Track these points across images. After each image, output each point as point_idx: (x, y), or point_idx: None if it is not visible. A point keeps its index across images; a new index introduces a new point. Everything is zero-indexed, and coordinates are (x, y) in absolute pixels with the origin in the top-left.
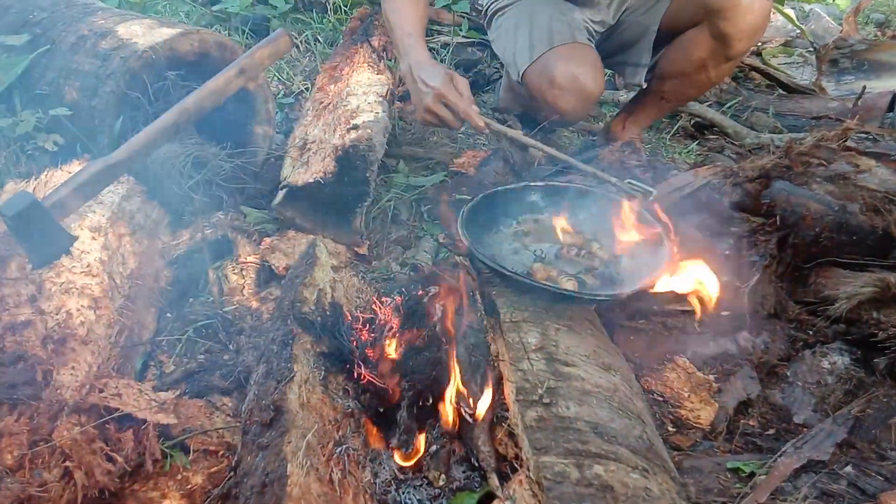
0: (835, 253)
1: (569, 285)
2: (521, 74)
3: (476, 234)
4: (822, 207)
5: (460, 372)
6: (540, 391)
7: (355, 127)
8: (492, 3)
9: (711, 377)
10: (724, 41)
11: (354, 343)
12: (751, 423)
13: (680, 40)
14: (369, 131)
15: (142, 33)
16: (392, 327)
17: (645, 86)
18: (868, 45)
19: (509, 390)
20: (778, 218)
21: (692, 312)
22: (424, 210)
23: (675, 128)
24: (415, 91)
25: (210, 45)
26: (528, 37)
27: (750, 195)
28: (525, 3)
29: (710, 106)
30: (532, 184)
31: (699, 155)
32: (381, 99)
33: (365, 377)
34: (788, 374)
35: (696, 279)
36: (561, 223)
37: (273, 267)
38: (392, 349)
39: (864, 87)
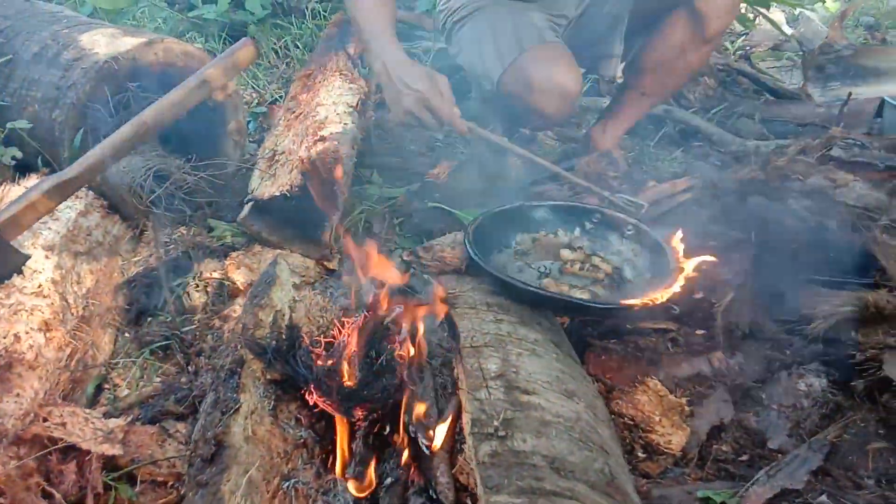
0: (812, 270)
1: (583, 296)
2: (495, 84)
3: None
4: (798, 224)
5: (419, 399)
6: (496, 423)
7: (322, 139)
8: (448, 17)
9: (684, 400)
10: (701, 20)
11: (310, 368)
12: (723, 448)
13: (657, 28)
14: (336, 143)
15: (104, 43)
16: (351, 350)
17: (622, 79)
18: (854, 50)
19: (466, 421)
20: (753, 234)
21: (666, 331)
22: (397, 222)
23: (660, 135)
24: (393, 91)
25: (176, 54)
26: (494, 45)
27: (727, 209)
28: (482, 13)
29: (695, 112)
30: (527, 203)
31: (683, 162)
32: (351, 109)
33: (318, 405)
34: (763, 396)
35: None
36: (561, 240)
37: (238, 283)
38: (349, 374)
39: (850, 94)
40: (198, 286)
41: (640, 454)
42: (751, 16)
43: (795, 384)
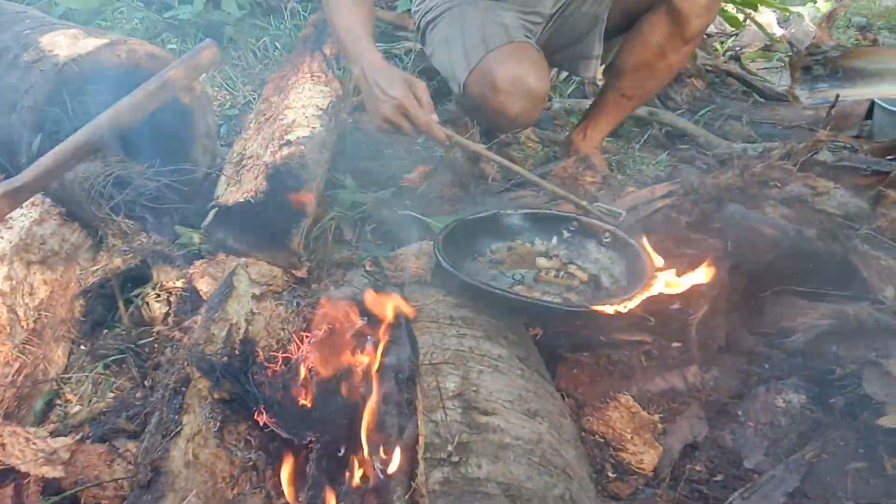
0: (791, 281)
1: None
2: (462, 86)
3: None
4: (776, 233)
5: (376, 421)
6: (450, 447)
7: (288, 143)
8: (422, 18)
9: (656, 417)
10: (680, 20)
11: (262, 386)
12: (697, 468)
13: (635, 28)
14: (303, 148)
15: (66, 45)
16: (308, 366)
17: (601, 82)
18: (842, 51)
19: (420, 445)
20: (729, 243)
21: (641, 343)
22: (369, 229)
23: (646, 137)
24: (370, 97)
25: (140, 56)
26: (461, 46)
27: (706, 216)
28: (453, 12)
29: (681, 114)
30: (502, 211)
31: (668, 165)
32: (320, 112)
33: (269, 426)
34: (740, 412)
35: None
36: (537, 248)
37: (202, 293)
38: (305, 392)
39: (838, 96)
40: (158, 296)
41: (610, 474)
42: (740, 17)
43: (773, 400)
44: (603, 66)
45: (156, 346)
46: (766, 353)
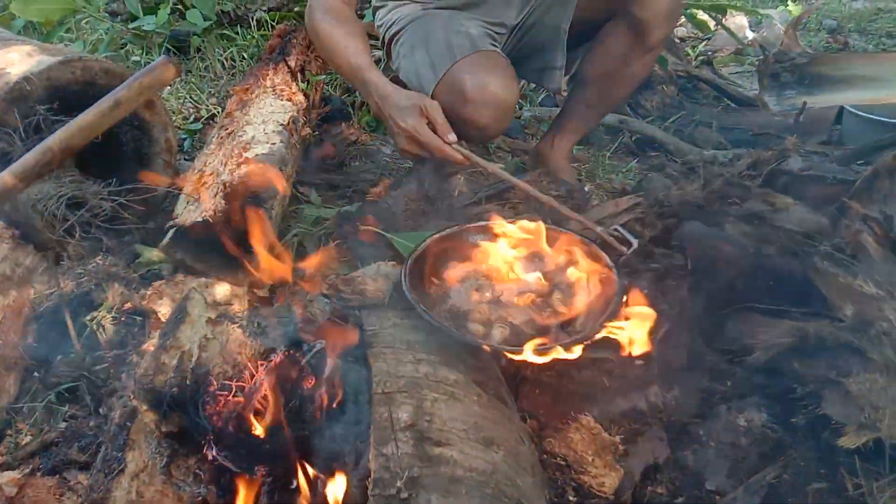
0: (752, 298)
1: (497, 333)
2: (429, 97)
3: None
4: (735, 250)
5: (327, 449)
6: (399, 483)
7: (246, 161)
8: (386, 31)
9: (618, 438)
10: (641, 29)
11: (213, 417)
12: (658, 490)
13: (598, 38)
14: (261, 165)
15: (18, 61)
16: (262, 395)
17: (566, 93)
18: (809, 58)
19: (370, 480)
20: (689, 261)
21: (605, 361)
22: (332, 246)
23: (616, 145)
24: (389, 130)
25: (96, 72)
26: (427, 57)
27: (668, 231)
28: (416, 24)
29: (652, 121)
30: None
31: (639, 173)
32: (281, 128)
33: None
34: (701, 432)
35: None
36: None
37: (160, 315)
38: (257, 423)
39: (805, 103)
40: (114, 319)
41: (571, 497)
42: (712, 24)
43: (735, 419)
44: (568, 77)
45: (111, 371)
46: (728, 370)
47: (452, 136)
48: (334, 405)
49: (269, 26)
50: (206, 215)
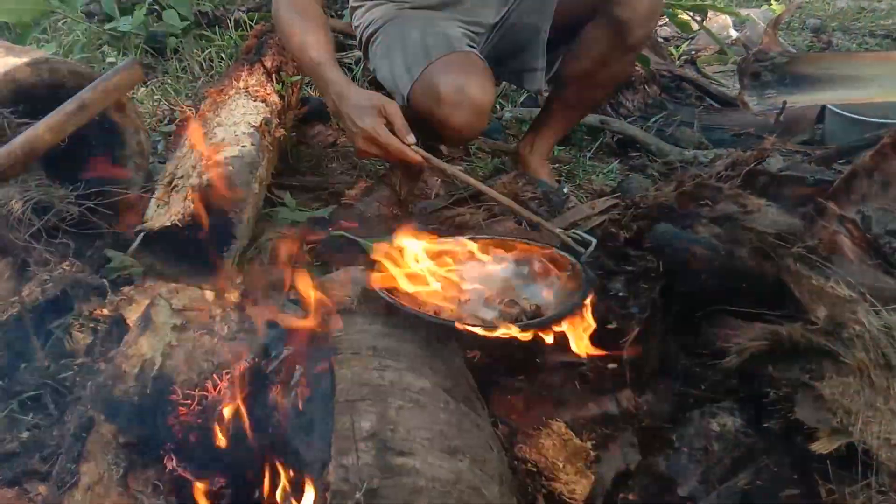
0: (725, 301)
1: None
2: (406, 99)
3: None
4: (707, 252)
5: (286, 465)
6: (358, 495)
7: (215, 163)
8: (363, 32)
9: (589, 444)
10: (621, 29)
11: (174, 427)
12: (630, 497)
13: (578, 39)
14: (230, 168)
15: None
16: (225, 404)
17: (547, 94)
18: (789, 57)
19: (328, 493)
20: (660, 263)
21: (578, 365)
22: (307, 250)
23: (597, 145)
24: (346, 130)
25: (63, 74)
26: (402, 58)
27: (642, 233)
28: (392, 24)
29: (634, 121)
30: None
31: (620, 174)
32: (252, 129)
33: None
34: (674, 437)
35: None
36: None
37: (129, 321)
38: (219, 432)
39: (785, 103)
40: (82, 326)
41: None
42: (694, 24)
43: (708, 424)
44: (548, 78)
45: (77, 379)
46: (701, 374)
47: (411, 138)
48: (298, 414)
49: (248, 27)
50: (175, 220)
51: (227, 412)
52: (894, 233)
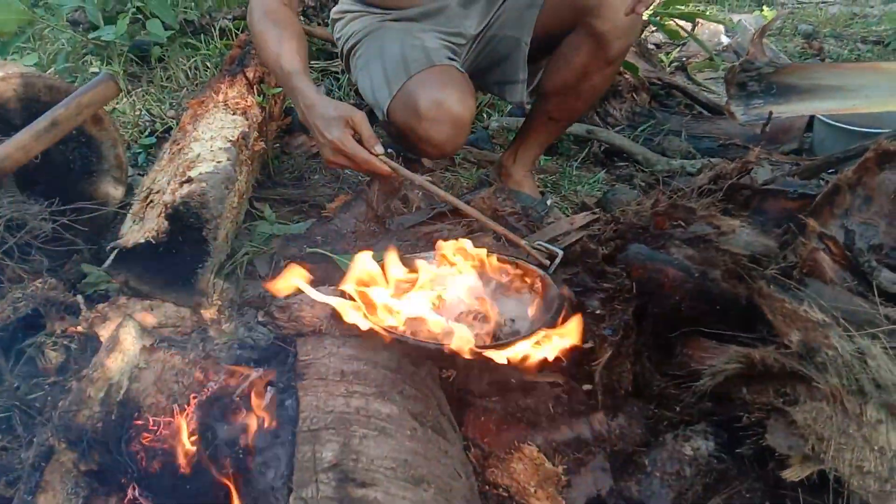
0: (699, 323)
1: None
2: (385, 113)
3: None
4: (680, 274)
5: (246, 497)
6: None
7: (189, 180)
8: (344, 44)
9: (560, 468)
10: (601, 41)
11: (137, 455)
12: None
13: (559, 50)
14: (203, 185)
15: None
16: (189, 431)
17: (529, 107)
18: (775, 67)
19: None
20: (634, 285)
21: (553, 386)
22: (284, 265)
23: (584, 155)
24: (315, 139)
25: (38, 89)
26: (382, 72)
27: (619, 250)
28: (372, 37)
29: (621, 130)
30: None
31: (606, 184)
32: (229, 144)
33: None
34: (646, 461)
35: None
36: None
37: (102, 339)
38: (183, 460)
39: (771, 113)
40: (54, 344)
41: None
42: (683, 33)
43: (681, 447)
44: (530, 89)
45: (49, 398)
46: (675, 395)
47: (379, 148)
48: (262, 444)
49: (234, 35)
50: (150, 236)
51: (189, 440)
52: (878, 248)
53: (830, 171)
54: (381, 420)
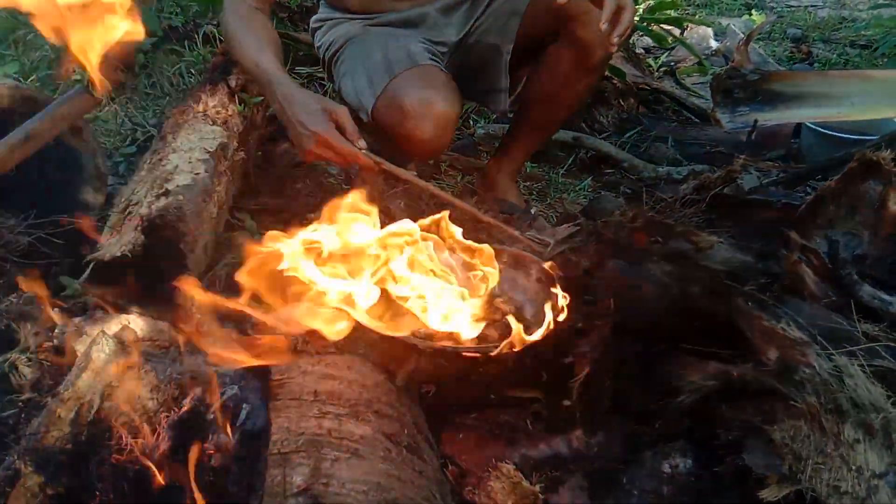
0: (679, 339)
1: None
2: (369, 115)
3: None
4: (658, 290)
5: None
6: None
7: (166, 192)
8: (326, 52)
9: (537, 487)
10: (583, 49)
11: (105, 476)
12: None
13: (541, 59)
14: (180, 198)
15: None
16: (162, 451)
17: (512, 115)
18: (760, 75)
19: None
20: (612, 301)
21: (533, 401)
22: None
23: (570, 162)
24: (293, 132)
25: (15, 100)
26: (365, 74)
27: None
28: (355, 42)
29: (608, 136)
30: None
31: (593, 191)
32: (208, 156)
33: None
34: (625, 479)
35: None
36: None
37: (79, 354)
38: (155, 481)
39: (756, 120)
40: (29, 360)
41: None
42: (670, 39)
43: (660, 465)
44: (513, 97)
45: (22, 416)
46: (655, 412)
47: (362, 143)
48: (231, 468)
49: (217, 40)
50: (126, 250)
51: (159, 460)
52: (861, 258)
53: (816, 177)
54: (354, 441)
